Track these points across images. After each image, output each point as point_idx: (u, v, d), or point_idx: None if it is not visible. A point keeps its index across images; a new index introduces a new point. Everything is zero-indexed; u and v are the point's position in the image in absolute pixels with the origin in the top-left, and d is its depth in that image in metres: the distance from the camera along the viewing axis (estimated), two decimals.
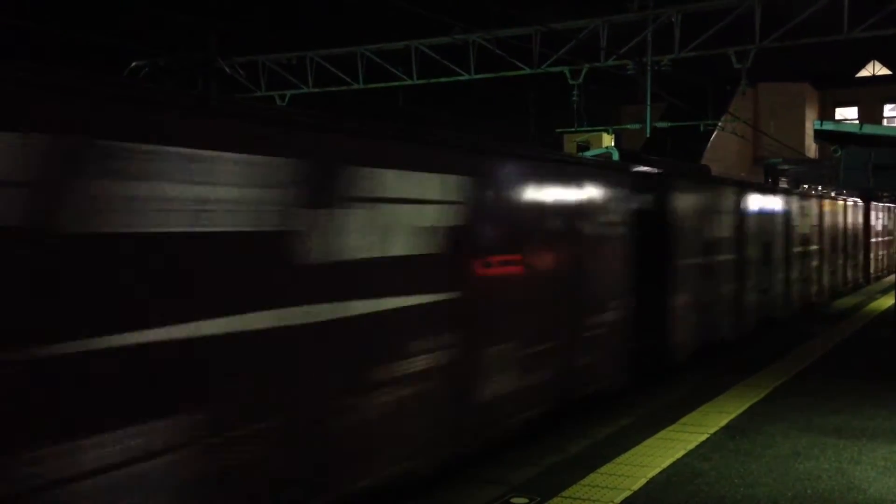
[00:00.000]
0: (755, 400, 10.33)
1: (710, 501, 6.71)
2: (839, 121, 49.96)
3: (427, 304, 6.71)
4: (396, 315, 6.32)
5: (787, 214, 18.92)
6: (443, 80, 25.14)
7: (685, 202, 12.49)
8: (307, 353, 5.56)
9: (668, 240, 11.88)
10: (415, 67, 24.82)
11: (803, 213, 20.63)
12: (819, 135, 43.59)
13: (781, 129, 45.12)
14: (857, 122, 49.38)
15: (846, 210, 28.42)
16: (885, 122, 54.34)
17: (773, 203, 18.02)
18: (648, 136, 32.07)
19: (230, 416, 4.99)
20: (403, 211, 6.46)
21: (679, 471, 7.48)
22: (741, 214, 15.38)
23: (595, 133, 38.78)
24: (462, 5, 26.44)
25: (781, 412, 9.66)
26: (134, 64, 11.14)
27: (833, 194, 28.94)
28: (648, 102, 24.75)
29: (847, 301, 24.05)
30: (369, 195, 6.15)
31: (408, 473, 6.64)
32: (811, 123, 48.06)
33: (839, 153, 37.12)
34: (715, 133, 42.10)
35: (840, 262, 25.64)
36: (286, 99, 27.84)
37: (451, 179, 7.17)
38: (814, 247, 21.86)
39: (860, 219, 31.14)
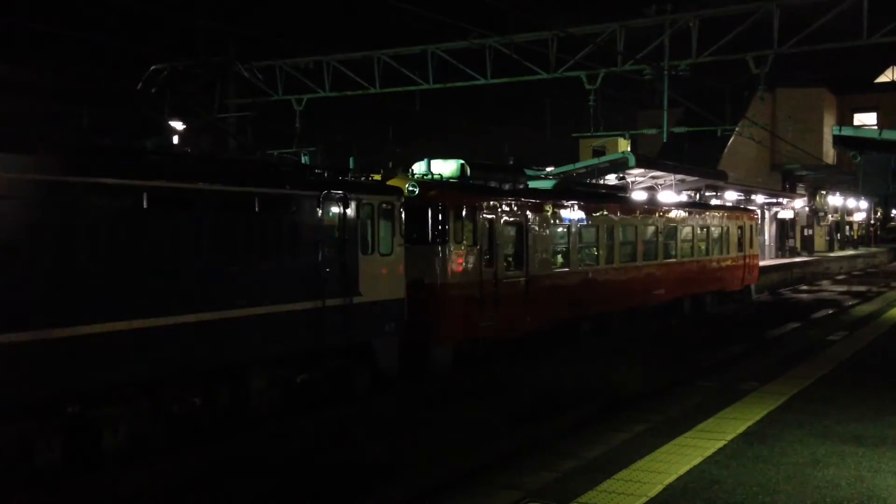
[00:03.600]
0: (773, 407, 10.24)
1: None
2: (858, 126, 49.56)
3: None
4: None
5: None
6: (459, 84, 25.15)
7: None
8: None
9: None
10: (431, 72, 24.84)
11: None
12: (837, 140, 43.37)
13: (799, 135, 44.84)
14: (875, 127, 48.97)
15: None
16: None
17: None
18: (665, 141, 31.96)
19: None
20: None
21: (696, 477, 7.43)
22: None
23: (611, 138, 38.80)
24: (479, 10, 26.47)
25: (800, 419, 9.57)
26: (153, 67, 11.22)
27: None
28: (665, 107, 24.64)
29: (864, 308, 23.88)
30: None
31: None
32: (829, 129, 47.81)
33: (858, 159, 36.95)
34: (732, 138, 41.90)
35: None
36: (303, 103, 27.94)
37: None
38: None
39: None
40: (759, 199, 43.14)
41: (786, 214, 50.27)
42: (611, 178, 30.23)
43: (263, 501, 8.57)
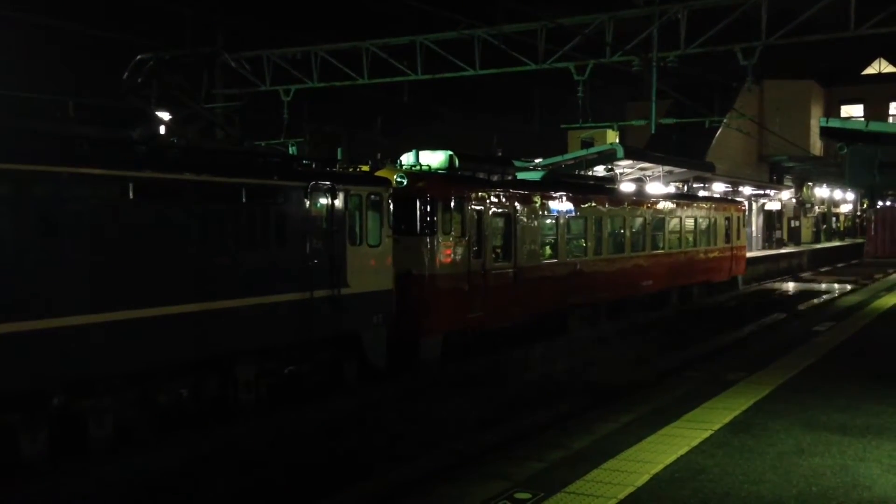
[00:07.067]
0: (759, 397, 10.30)
1: (714, 498, 6.69)
2: (845, 118, 49.75)
3: None
4: None
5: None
6: (448, 75, 25.11)
7: None
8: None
9: None
10: (420, 63, 24.79)
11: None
12: (825, 132, 43.54)
13: (787, 127, 44.97)
14: (862, 119, 49.18)
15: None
16: (890, 119, 54.17)
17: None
18: (653, 132, 31.99)
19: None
20: None
21: (683, 467, 7.46)
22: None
23: (600, 129, 38.79)
24: (467, 0, 26.41)
25: (785, 409, 9.63)
26: (139, 57, 11.13)
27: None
28: (654, 99, 24.68)
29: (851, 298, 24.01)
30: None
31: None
32: (817, 121, 47.91)
33: (845, 150, 37.21)
34: (720, 130, 41.99)
35: None
36: (290, 93, 27.83)
37: None
38: None
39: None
40: (747, 190, 43.29)
41: (773, 206, 50.48)
42: (599, 170, 30.26)
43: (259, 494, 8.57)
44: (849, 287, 29.84)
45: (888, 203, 46.57)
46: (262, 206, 10.85)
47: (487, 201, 15.74)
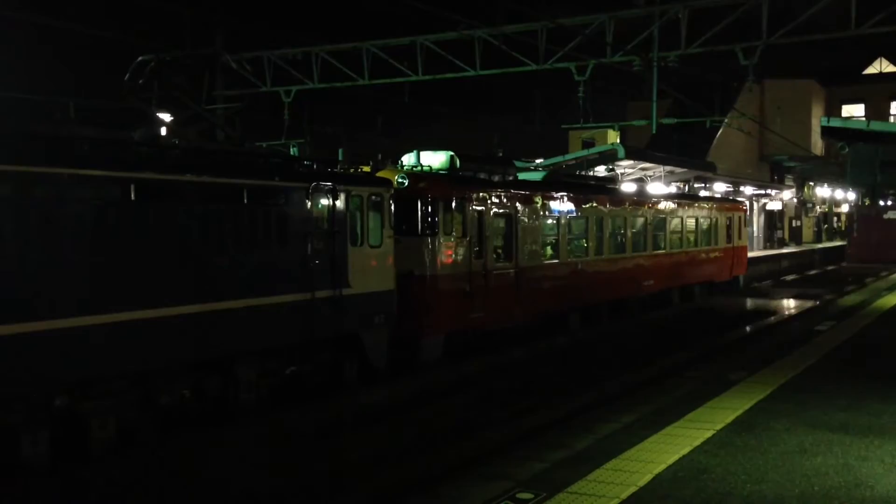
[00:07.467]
0: (761, 396, 10.29)
1: (717, 497, 6.69)
2: (846, 118, 49.71)
3: None
4: None
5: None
6: (448, 76, 25.10)
7: None
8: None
9: None
10: (420, 63, 24.79)
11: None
12: (826, 132, 43.44)
13: (788, 126, 44.94)
14: (863, 119, 49.14)
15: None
16: (891, 119, 54.16)
17: None
18: (654, 132, 31.98)
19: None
20: None
21: (685, 467, 7.46)
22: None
23: (600, 130, 38.80)
24: (468, 1, 26.43)
25: (787, 409, 9.62)
26: (140, 59, 11.14)
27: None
28: (654, 99, 24.68)
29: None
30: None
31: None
32: (818, 120, 47.94)
33: (846, 150, 37.04)
34: (721, 130, 41.98)
35: None
36: (291, 94, 27.83)
37: None
38: None
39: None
40: (748, 190, 43.28)
41: (774, 206, 50.48)
42: (600, 170, 30.27)
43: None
44: (849, 286, 29.39)
45: (889, 202, 46.44)
46: (264, 206, 10.86)
47: (488, 202, 15.74)
